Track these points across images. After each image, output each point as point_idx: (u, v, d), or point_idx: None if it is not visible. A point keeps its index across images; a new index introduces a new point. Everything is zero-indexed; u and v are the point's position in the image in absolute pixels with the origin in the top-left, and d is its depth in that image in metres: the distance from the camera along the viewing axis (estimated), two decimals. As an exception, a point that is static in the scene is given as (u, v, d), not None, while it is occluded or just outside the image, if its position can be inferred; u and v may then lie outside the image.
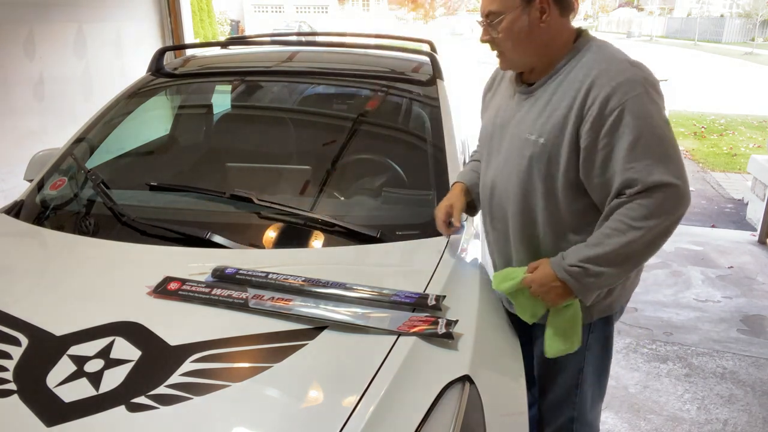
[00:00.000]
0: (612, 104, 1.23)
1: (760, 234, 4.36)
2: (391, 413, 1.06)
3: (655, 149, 1.23)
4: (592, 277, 1.27)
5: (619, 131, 1.23)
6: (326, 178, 1.94)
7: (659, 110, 1.26)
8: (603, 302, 1.45)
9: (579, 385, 1.54)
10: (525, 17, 1.32)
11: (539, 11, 1.31)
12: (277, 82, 2.48)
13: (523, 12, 1.31)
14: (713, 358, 2.85)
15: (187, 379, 1.10)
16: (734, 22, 34.43)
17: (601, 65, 1.29)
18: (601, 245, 1.26)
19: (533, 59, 1.38)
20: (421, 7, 32.53)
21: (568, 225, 1.37)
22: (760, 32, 32.29)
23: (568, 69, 1.34)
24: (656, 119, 1.24)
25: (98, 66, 4.29)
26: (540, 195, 1.38)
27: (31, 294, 1.41)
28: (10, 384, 1.09)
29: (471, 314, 1.36)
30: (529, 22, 1.32)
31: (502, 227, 1.49)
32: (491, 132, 1.51)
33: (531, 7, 1.31)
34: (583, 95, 1.28)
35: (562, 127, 1.30)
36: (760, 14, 31.99)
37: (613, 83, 1.25)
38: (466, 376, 1.17)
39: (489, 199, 1.51)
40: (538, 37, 1.34)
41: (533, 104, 1.38)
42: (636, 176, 1.22)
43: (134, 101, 2.27)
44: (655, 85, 1.27)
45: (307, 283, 1.39)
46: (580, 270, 1.27)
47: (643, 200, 1.22)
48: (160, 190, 1.85)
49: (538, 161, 1.35)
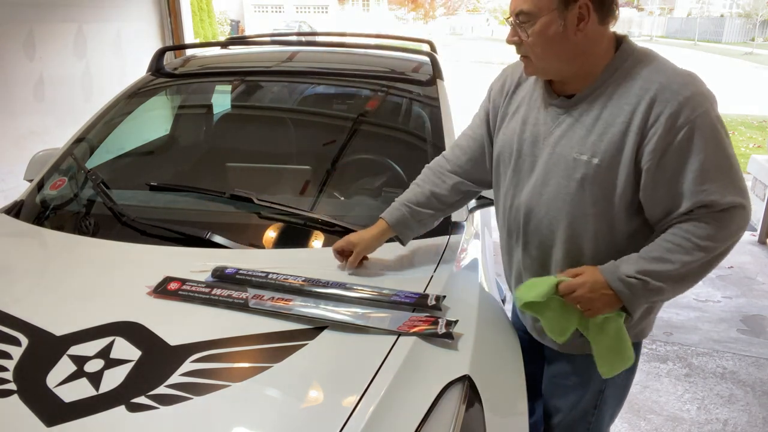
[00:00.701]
0: (681, 121, 1.15)
1: (760, 234, 4.36)
2: (391, 413, 1.06)
3: (727, 170, 1.17)
4: (650, 291, 1.20)
5: (688, 150, 1.16)
6: (326, 178, 1.94)
7: (724, 126, 1.19)
8: (638, 325, 1.38)
9: (598, 406, 1.47)
10: (560, 22, 1.19)
11: (577, 17, 1.19)
12: (277, 82, 2.48)
13: (559, 16, 1.19)
14: (713, 358, 2.85)
15: (187, 379, 1.10)
16: (734, 22, 34.42)
17: (660, 78, 1.19)
18: (665, 261, 1.18)
19: (564, 67, 1.27)
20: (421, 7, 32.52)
21: (619, 246, 1.28)
22: (760, 32, 32.29)
23: (616, 81, 1.23)
24: (723, 137, 1.17)
25: (98, 66, 4.29)
26: (591, 219, 1.27)
27: (31, 294, 1.41)
28: (10, 384, 1.09)
29: (471, 314, 1.36)
30: (564, 27, 1.19)
31: (539, 254, 1.38)
32: (518, 148, 1.37)
33: (568, 12, 1.18)
34: (644, 111, 1.17)
35: (619, 146, 1.20)
36: (760, 14, 31.99)
37: (680, 98, 1.15)
38: (466, 376, 1.17)
39: (524, 225, 1.37)
40: (572, 44, 1.21)
41: (577, 119, 1.26)
42: (712, 198, 1.16)
43: (134, 101, 2.27)
44: (715, 100, 1.20)
45: (307, 283, 1.39)
46: (639, 282, 1.19)
47: (713, 221, 1.17)
48: (160, 190, 1.85)
49: (592, 184, 1.24)
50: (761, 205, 4.54)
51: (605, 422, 1.52)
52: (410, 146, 2.18)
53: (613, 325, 1.25)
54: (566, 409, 1.52)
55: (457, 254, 1.60)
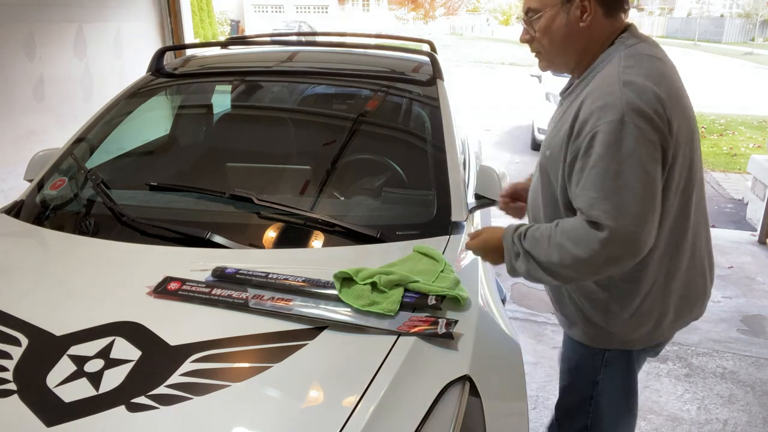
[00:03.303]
0: (587, 128, 1.18)
1: (760, 234, 4.36)
2: (391, 413, 1.06)
3: (606, 183, 1.14)
4: (518, 257, 1.29)
5: (587, 155, 1.17)
6: (326, 178, 1.94)
7: (635, 142, 1.13)
8: (625, 334, 1.38)
9: (594, 398, 1.48)
10: (563, 15, 1.25)
11: (579, 10, 1.24)
12: (277, 82, 2.48)
13: (561, 10, 1.25)
14: (713, 358, 2.85)
15: (187, 379, 1.10)
16: (734, 22, 34.43)
17: (599, 80, 1.22)
18: (538, 242, 1.25)
19: (570, 61, 1.31)
20: (421, 7, 32.48)
21: None
22: (760, 32, 32.29)
23: (592, 77, 1.26)
24: (624, 152, 1.13)
25: (98, 66, 4.29)
26: (543, 209, 1.37)
27: (31, 294, 1.41)
28: (10, 384, 1.09)
29: (471, 314, 1.36)
30: (567, 21, 1.25)
31: None
32: None
33: (570, 5, 1.24)
34: (576, 111, 1.22)
35: (563, 142, 1.25)
36: (760, 14, 31.99)
37: (594, 105, 1.18)
38: (466, 376, 1.17)
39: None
40: (576, 37, 1.27)
41: (561, 113, 1.34)
42: (580, 205, 1.19)
43: (134, 101, 2.27)
44: (642, 113, 1.14)
45: (307, 283, 1.39)
46: (514, 246, 1.30)
47: (581, 227, 1.18)
48: (160, 190, 1.85)
49: (542, 174, 1.35)
50: (761, 205, 4.54)
51: (605, 422, 1.51)
52: (410, 146, 2.18)
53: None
54: (564, 391, 1.58)
55: (457, 254, 1.60)
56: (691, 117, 1.27)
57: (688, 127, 1.24)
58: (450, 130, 1.99)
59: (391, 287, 1.35)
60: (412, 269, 1.43)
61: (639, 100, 1.15)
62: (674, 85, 1.23)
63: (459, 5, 35.96)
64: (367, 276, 1.36)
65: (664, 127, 1.17)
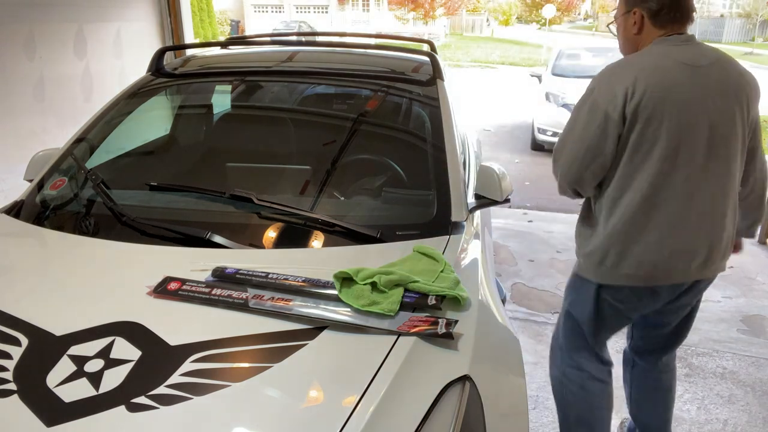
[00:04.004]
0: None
1: (760, 234, 4.36)
2: (391, 413, 1.06)
3: (561, 136, 1.71)
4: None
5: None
6: (326, 178, 1.94)
7: (590, 110, 1.60)
8: (583, 266, 1.76)
9: (564, 314, 1.90)
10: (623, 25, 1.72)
11: (633, 22, 1.66)
12: (277, 82, 2.48)
13: (624, 21, 1.71)
14: (713, 358, 2.85)
15: (187, 379, 1.10)
16: (734, 22, 34.42)
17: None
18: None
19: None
20: (421, 7, 32.45)
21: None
22: (760, 32, 32.29)
23: None
24: (576, 115, 1.66)
25: (98, 66, 4.29)
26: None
27: (31, 294, 1.41)
28: (10, 384, 1.09)
29: (471, 314, 1.36)
30: (625, 29, 1.71)
31: None
32: None
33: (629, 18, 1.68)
34: None
35: None
36: (760, 14, 31.98)
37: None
38: (466, 376, 1.17)
39: None
40: (633, 42, 1.70)
41: None
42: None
43: (134, 101, 2.27)
44: (592, 91, 1.62)
45: (307, 284, 1.39)
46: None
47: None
48: (160, 190, 1.85)
49: None
50: (761, 205, 4.54)
51: (561, 335, 1.92)
52: (410, 146, 2.18)
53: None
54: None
55: (457, 254, 1.60)
56: (679, 112, 1.55)
57: (660, 118, 1.54)
58: (450, 130, 1.99)
59: (391, 287, 1.35)
60: (412, 269, 1.43)
61: (598, 80, 1.64)
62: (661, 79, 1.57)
63: (459, 5, 35.90)
64: (367, 276, 1.37)
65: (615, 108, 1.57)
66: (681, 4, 1.60)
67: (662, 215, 1.59)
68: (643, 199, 1.58)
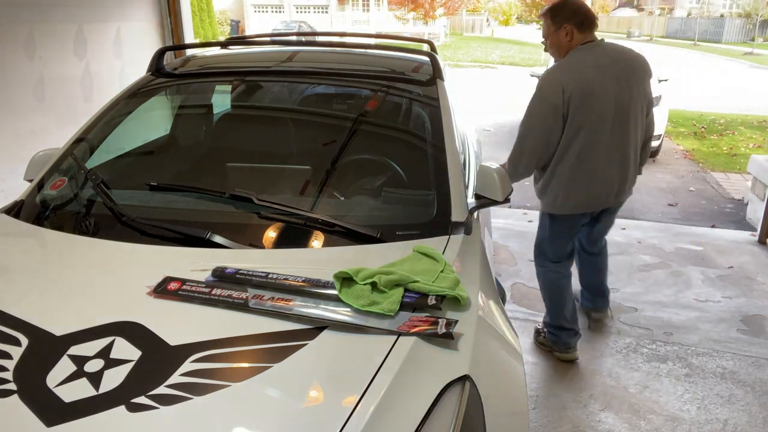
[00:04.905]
0: None
1: (760, 234, 4.36)
2: (391, 413, 1.06)
3: (520, 126, 2.47)
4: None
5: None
6: (326, 178, 1.94)
7: (539, 105, 2.39)
8: (543, 203, 2.62)
9: (537, 236, 2.81)
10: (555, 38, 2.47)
11: (564, 34, 2.42)
12: (277, 82, 2.48)
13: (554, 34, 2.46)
14: (713, 358, 2.85)
15: (187, 379, 1.10)
16: (734, 22, 34.43)
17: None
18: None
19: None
20: (421, 8, 32.42)
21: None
22: (760, 32, 32.29)
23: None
24: (530, 109, 2.42)
25: (98, 66, 4.29)
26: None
27: (31, 294, 1.41)
28: (10, 384, 1.10)
29: (471, 314, 1.36)
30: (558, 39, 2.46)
31: None
32: None
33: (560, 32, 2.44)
34: None
35: None
36: (760, 14, 31.98)
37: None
38: (466, 376, 1.18)
39: None
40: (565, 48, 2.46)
41: None
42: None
43: (134, 101, 2.27)
44: (547, 85, 2.38)
45: (307, 284, 1.39)
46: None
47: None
48: (160, 190, 1.85)
49: None
50: (761, 205, 4.54)
51: (539, 238, 2.77)
52: (410, 146, 2.18)
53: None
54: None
55: (457, 254, 1.60)
56: (595, 98, 2.33)
57: (584, 103, 2.32)
58: (450, 130, 1.99)
59: (391, 287, 1.35)
60: (412, 269, 1.43)
61: (545, 79, 2.42)
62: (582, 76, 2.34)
63: (459, 5, 35.88)
64: (367, 276, 1.37)
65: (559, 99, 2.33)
66: (591, 17, 2.41)
67: (590, 167, 2.42)
68: (576, 158, 2.41)
